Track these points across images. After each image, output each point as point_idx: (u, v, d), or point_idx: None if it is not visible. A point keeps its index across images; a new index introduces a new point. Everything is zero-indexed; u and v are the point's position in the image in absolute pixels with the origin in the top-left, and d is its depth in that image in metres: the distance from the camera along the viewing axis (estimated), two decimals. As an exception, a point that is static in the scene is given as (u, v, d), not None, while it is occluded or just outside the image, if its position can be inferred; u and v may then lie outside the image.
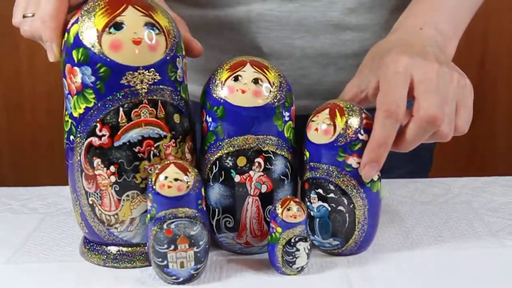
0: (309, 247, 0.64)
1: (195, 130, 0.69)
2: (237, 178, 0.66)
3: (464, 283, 0.62)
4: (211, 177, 0.66)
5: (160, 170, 0.61)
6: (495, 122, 1.83)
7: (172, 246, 0.60)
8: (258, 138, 0.65)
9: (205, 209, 0.63)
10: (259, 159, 0.65)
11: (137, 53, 0.61)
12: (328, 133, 0.65)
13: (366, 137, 0.65)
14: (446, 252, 0.69)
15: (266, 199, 0.66)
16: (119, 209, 0.64)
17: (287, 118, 0.67)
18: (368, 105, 0.70)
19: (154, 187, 0.60)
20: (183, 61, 0.66)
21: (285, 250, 0.63)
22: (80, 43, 0.61)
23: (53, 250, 0.71)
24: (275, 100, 0.65)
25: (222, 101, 0.65)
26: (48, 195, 0.86)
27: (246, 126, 0.65)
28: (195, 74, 0.90)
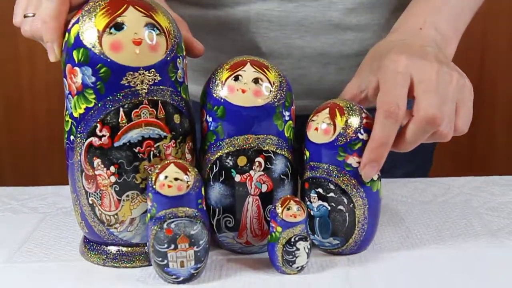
0: (309, 247, 0.64)
1: (195, 131, 0.69)
2: (237, 178, 0.66)
3: (463, 282, 0.63)
4: (212, 176, 0.66)
5: (160, 170, 0.61)
6: (495, 122, 1.83)
7: (172, 246, 0.60)
8: (259, 137, 0.65)
9: (205, 208, 0.63)
10: (260, 159, 0.65)
11: (137, 53, 0.61)
12: (328, 132, 0.65)
13: (366, 136, 0.65)
14: (445, 251, 0.69)
15: (267, 199, 0.66)
16: (119, 209, 0.64)
17: (287, 118, 0.67)
18: (368, 105, 0.70)
19: (154, 187, 0.61)
20: (184, 61, 0.66)
21: (285, 249, 0.63)
22: (80, 44, 0.61)
23: (53, 249, 0.71)
24: (275, 99, 0.65)
25: (222, 100, 0.65)
26: (48, 195, 0.86)
27: (246, 125, 0.65)
28: (195, 74, 0.90)
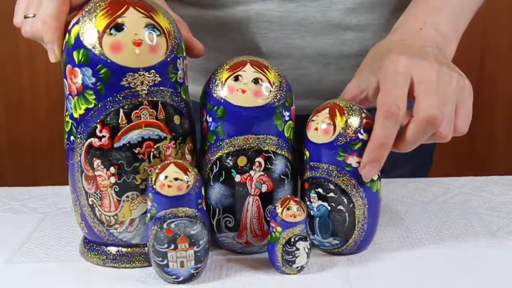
0: (308, 247, 0.64)
1: (195, 132, 0.69)
2: (237, 178, 0.66)
3: (463, 282, 0.63)
4: (212, 177, 0.66)
5: (160, 170, 0.61)
6: (495, 122, 1.83)
7: (172, 246, 0.60)
8: (258, 137, 0.65)
9: (205, 208, 0.63)
10: (260, 159, 0.66)
11: (137, 54, 0.61)
12: (328, 132, 0.65)
13: (366, 136, 0.65)
14: (445, 251, 0.69)
15: (267, 199, 0.67)
16: (119, 209, 0.64)
17: (287, 118, 0.67)
18: (368, 105, 0.70)
19: (154, 187, 0.61)
20: (184, 62, 0.66)
21: (285, 249, 0.63)
22: (80, 44, 0.61)
23: (53, 249, 0.71)
24: (275, 99, 0.65)
25: (222, 101, 0.65)
26: (48, 195, 0.86)
27: (246, 126, 0.65)
28: (195, 74, 0.90)
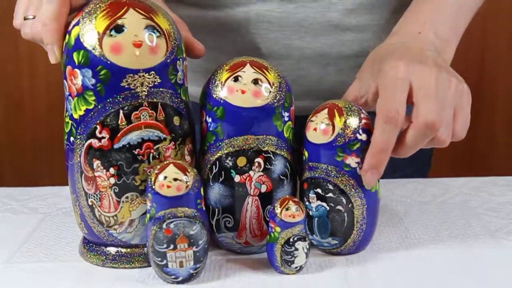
0: (307, 247, 0.64)
1: (195, 133, 0.69)
2: (237, 178, 0.66)
3: (462, 282, 0.63)
4: (211, 177, 0.66)
5: (159, 170, 0.61)
6: (495, 122, 1.83)
7: (171, 246, 0.61)
8: (258, 138, 0.65)
9: (204, 208, 0.64)
10: (259, 159, 0.66)
11: (137, 55, 0.61)
12: (326, 133, 0.65)
13: (364, 137, 0.65)
14: (444, 251, 0.69)
15: (266, 199, 0.67)
16: (118, 210, 0.65)
17: (287, 118, 0.67)
18: (368, 110, 0.70)
19: (153, 187, 0.61)
20: (184, 63, 0.66)
21: (284, 249, 0.63)
22: (81, 45, 0.61)
23: (53, 250, 0.71)
24: (275, 100, 0.65)
25: (222, 101, 0.65)
26: (48, 195, 0.87)
27: (246, 126, 0.65)
28: (195, 75, 0.91)
